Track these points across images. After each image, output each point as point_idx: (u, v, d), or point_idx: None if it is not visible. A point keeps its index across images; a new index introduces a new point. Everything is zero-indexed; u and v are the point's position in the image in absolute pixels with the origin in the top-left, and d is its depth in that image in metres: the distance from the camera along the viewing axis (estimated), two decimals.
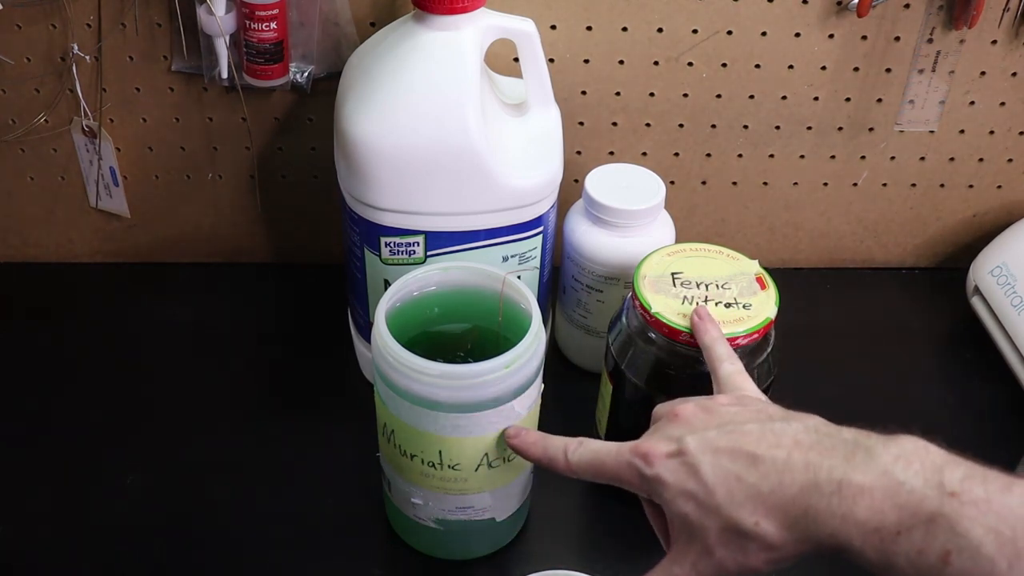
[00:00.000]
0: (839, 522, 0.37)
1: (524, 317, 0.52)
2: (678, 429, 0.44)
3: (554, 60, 0.70)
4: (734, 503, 0.40)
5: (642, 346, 0.57)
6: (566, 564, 0.56)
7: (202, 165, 0.77)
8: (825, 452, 0.39)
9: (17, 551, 0.59)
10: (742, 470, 0.40)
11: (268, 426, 0.68)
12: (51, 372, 0.72)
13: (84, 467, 0.64)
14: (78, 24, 0.68)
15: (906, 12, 0.69)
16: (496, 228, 0.60)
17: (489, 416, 0.50)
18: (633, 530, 0.61)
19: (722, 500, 0.40)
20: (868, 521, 0.36)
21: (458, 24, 0.56)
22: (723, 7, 0.68)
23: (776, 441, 0.40)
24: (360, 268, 0.63)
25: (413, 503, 0.56)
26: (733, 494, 0.40)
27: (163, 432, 0.67)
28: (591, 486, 0.64)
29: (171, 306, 0.79)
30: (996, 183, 0.79)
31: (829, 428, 0.41)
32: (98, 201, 0.78)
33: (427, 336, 0.56)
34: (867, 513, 0.36)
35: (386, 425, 0.53)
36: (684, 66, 0.71)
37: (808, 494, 0.38)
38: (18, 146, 0.75)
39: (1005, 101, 0.74)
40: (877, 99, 0.73)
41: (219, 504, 0.62)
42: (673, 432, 0.44)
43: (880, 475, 0.37)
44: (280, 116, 0.74)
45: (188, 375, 0.72)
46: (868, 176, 0.78)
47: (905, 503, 0.36)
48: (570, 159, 0.72)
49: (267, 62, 0.67)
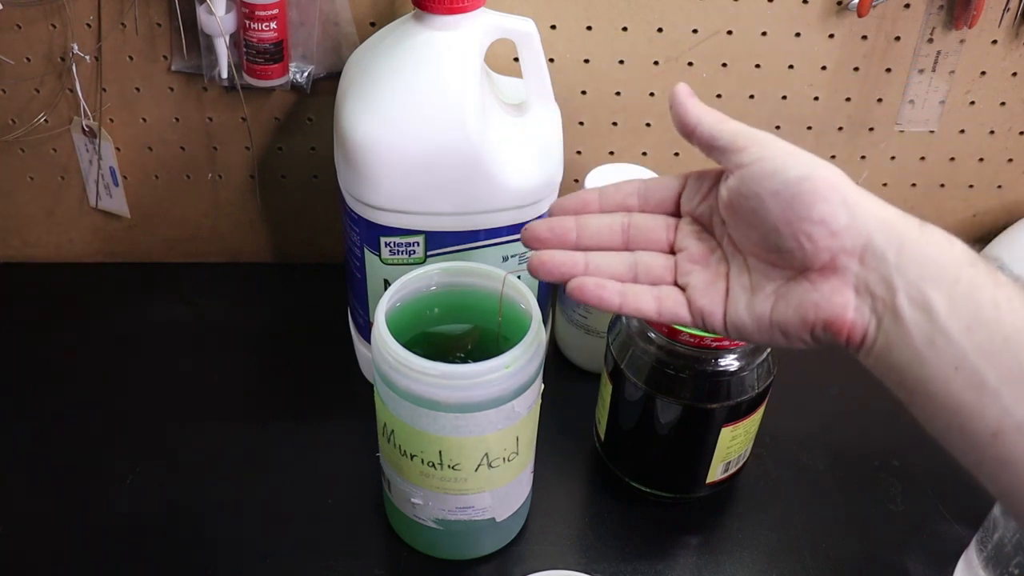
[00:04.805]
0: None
1: (524, 317, 0.52)
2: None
3: (554, 60, 0.70)
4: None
5: (642, 346, 0.57)
6: (566, 564, 0.57)
7: (202, 165, 0.77)
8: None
9: (17, 551, 0.59)
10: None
11: (268, 426, 0.68)
12: (51, 372, 0.72)
13: (84, 467, 0.64)
14: (78, 24, 0.68)
15: (906, 12, 0.69)
16: (496, 228, 0.60)
17: (489, 416, 0.50)
18: (633, 530, 0.61)
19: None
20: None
21: (458, 24, 0.56)
22: (723, 7, 0.68)
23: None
24: (360, 268, 0.63)
25: (413, 503, 0.55)
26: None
27: (163, 432, 0.67)
28: (591, 486, 0.65)
29: (171, 306, 0.79)
30: (996, 183, 0.79)
31: None
32: (98, 201, 0.78)
33: (427, 336, 0.56)
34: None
35: (386, 425, 0.53)
36: (684, 66, 0.71)
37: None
38: (18, 146, 0.75)
39: (1005, 101, 0.74)
40: (877, 99, 0.73)
41: (219, 504, 0.62)
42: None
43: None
44: (280, 116, 0.74)
45: (188, 375, 0.72)
46: (868, 176, 0.78)
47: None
48: (570, 159, 0.72)
49: (267, 62, 0.67)
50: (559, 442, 0.66)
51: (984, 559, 0.54)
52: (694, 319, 0.42)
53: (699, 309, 0.42)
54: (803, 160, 0.39)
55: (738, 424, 0.58)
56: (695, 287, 0.43)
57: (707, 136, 0.42)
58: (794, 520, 0.62)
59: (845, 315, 0.38)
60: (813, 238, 0.38)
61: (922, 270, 0.37)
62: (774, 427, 0.63)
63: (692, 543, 0.61)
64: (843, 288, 0.38)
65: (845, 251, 0.38)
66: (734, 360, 0.56)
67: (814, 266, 0.39)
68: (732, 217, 0.42)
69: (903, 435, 0.68)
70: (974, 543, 0.56)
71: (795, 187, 0.38)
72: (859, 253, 0.38)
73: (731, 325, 0.42)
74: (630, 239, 0.45)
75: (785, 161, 0.39)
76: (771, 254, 0.40)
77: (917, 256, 0.37)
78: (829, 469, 0.66)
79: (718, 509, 0.63)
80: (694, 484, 0.61)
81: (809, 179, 0.38)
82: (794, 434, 0.68)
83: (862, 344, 0.39)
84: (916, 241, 0.38)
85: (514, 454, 0.54)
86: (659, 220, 0.45)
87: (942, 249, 0.37)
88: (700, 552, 0.60)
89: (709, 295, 0.42)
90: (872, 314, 0.38)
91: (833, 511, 0.63)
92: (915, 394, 0.38)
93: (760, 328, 0.41)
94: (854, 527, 0.62)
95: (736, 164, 0.41)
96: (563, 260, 0.44)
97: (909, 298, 0.37)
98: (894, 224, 0.38)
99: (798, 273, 0.40)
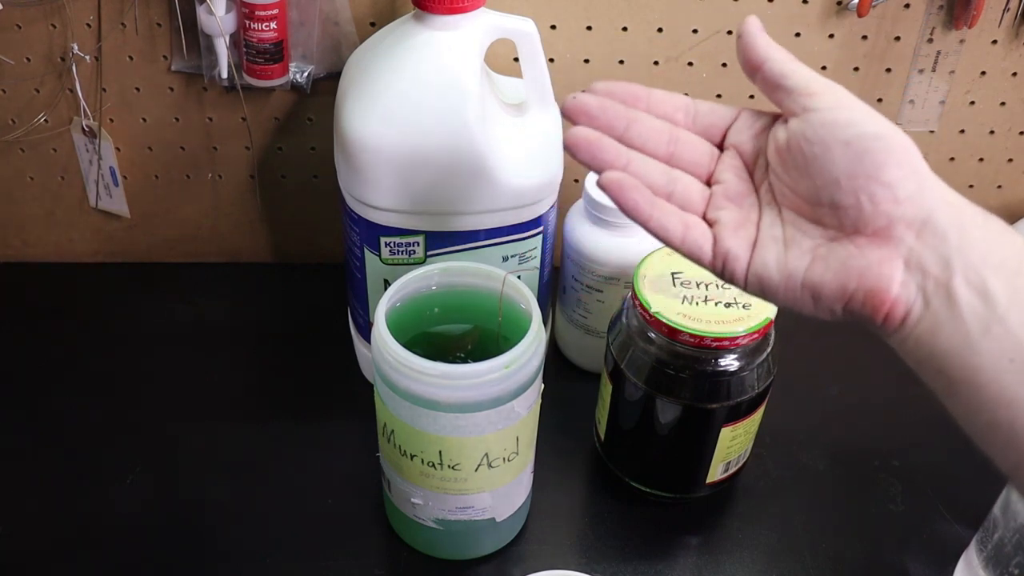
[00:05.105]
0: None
1: (524, 317, 0.52)
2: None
3: (554, 60, 0.70)
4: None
5: (642, 346, 0.57)
6: (566, 564, 0.57)
7: (202, 165, 0.77)
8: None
9: (17, 551, 0.59)
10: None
11: (268, 426, 0.68)
12: (51, 372, 0.72)
13: (84, 467, 0.64)
14: (78, 24, 0.68)
15: (906, 12, 0.69)
16: (496, 228, 0.60)
17: (489, 416, 0.50)
18: (633, 530, 0.61)
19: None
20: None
21: (458, 24, 0.56)
22: (723, 7, 0.68)
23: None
24: (360, 268, 0.63)
25: (413, 503, 0.56)
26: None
27: (163, 432, 0.67)
28: (591, 486, 0.65)
29: (171, 306, 0.79)
30: (996, 183, 0.79)
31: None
32: (98, 201, 0.78)
33: (427, 336, 0.56)
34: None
35: (386, 425, 0.53)
36: (684, 66, 0.71)
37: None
38: (18, 146, 0.75)
39: (1005, 101, 0.74)
40: (877, 99, 0.73)
41: (219, 504, 0.62)
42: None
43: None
44: (280, 116, 0.74)
45: (188, 375, 0.72)
46: None
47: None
48: (570, 159, 0.71)
49: (267, 62, 0.67)
50: (559, 442, 0.66)
51: (984, 559, 0.54)
52: (715, 260, 0.40)
53: (724, 250, 0.39)
54: (880, 120, 0.37)
55: (738, 424, 0.58)
56: (725, 225, 0.40)
57: (776, 73, 0.39)
58: (794, 520, 0.62)
59: (890, 288, 0.36)
60: (876, 199, 0.36)
61: (984, 255, 0.35)
62: (774, 427, 0.63)
63: (692, 543, 0.61)
64: (893, 259, 0.36)
65: (905, 221, 0.36)
66: (734, 360, 0.56)
67: (866, 230, 0.37)
68: (785, 162, 0.39)
69: (903, 435, 0.68)
70: (974, 543, 0.56)
71: (870, 142, 0.36)
72: (918, 227, 0.36)
73: (754, 275, 0.39)
74: (674, 154, 0.41)
75: (863, 115, 0.38)
76: (818, 208, 0.38)
77: (979, 241, 0.36)
78: (829, 469, 0.66)
79: (718, 509, 0.63)
80: (694, 484, 0.61)
81: (885, 139, 0.37)
82: (794, 434, 0.68)
83: (902, 324, 0.37)
84: (980, 227, 0.36)
85: (514, 454, 0.54)
86: (705, 145, 0.42)
87: (1006, 239, 0.36)
88: (700, 552, 0.60)
89: (738, 237, 0.39)
90: (919, 292, 0.36)
91: (833, 511, 0.63)
92: (959, 384, 0.35)
93: (788, 286, 0.38)
94: (854, 527, 0.62)
95: (805, 107, 0.38)
96: (608, 146, 0.41)
97: (967, 280, 0.35)
98: (959, 206, 0.37)
99: (844, 235, 0.37)
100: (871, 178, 0.36)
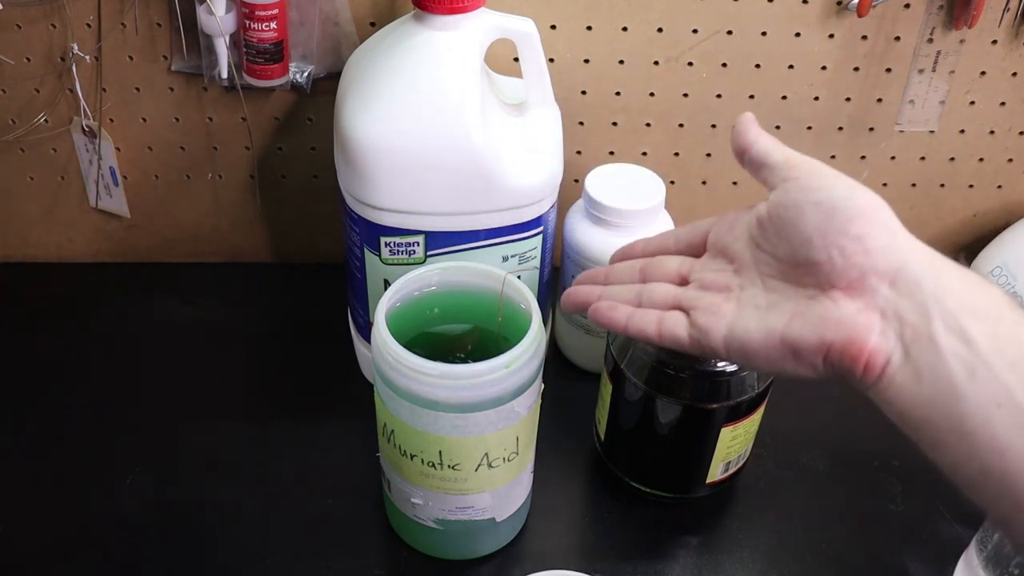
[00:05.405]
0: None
1: (524, 317, 0.52)
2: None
3: (554, 60, 0.70)
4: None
5: (642, 346, 0.57)
6: (566, 564, 0.57)
7: (202, 165, 0.77)
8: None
9: (17, 551, 0.59)
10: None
11: (268, 426, 0.68)
12: (51, 372, 0.72)
13: (84, 467, 0.64)
14: (78, 24, 0.68)
15: (906, 12, 0.69)
16: (496, 228, 0.60)
17: (489, 416, 0.50)
18: (633, 530, 0.61)
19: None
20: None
21: (458, 24, 0.56)
22: (723, 7, 0.68)
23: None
24: (360, 268, 0.63)
25: (413, 503, 0.55)
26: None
27: (163, 432, 0.67)
28: (591, 486, 0.65)
29: (171, 306, 0.79)
30: (996, 183, 0.79)
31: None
32: (98, 201, 0.78)
33: (427, 336, 0.56)
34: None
35: (386, 425, 0.53)
36: (684, 66, 0.71)
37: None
38: (18, 146, 0.75)
39: (1005, 101, 0.74)
40: (877, 99, 0.73)
41: (219, 504, 0.62)
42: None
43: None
44: (280, 116, 0.74)
45: (188, 375, 0.72)
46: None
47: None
48: (570, 159, 0.72)
49: (267, 62, 0.67)
50: (559, 442, 0.66)
51: (984, 559, 0.54)
52: (691, 339, 0.43)
53: (699, 326, 0.42)
54: (852, 183, 0.39)
55: (738, 424, 0.58)
56: (700, 309, 0.43)
57: (761, 152, 0.43)
58: (794, 520, 0.62)
59: (868, 337, 0.37)
60: (846, 252, 0.37)
61: (960, 302, 0.35)
62: (774, 427, 0.63)
63: (692, 543, 0.61)
64: (869, 310, 0.37)
65: (877, 272, 0.37)
66: None
67: (840, 283, 0.38)
68: (765, 230, 0.41)
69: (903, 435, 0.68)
70: (974, 543, 0.56)
71: (838, 202, 0.38)
72: (891, 277, 0.37)
73: (735, 341, 0.41)
74: (645, 275, 0.49)
75: (834, 180, 0.40)
76: (797, 269, 0.40)
77: (956, 289, 0.36)
78: (829, 469, 0.66)
79: (718, 509, 0.63)
80: (694, 484, 0.61)
81: (854, 198, 0.38)
82: (794, 434, 0.68)
83: (883, 374, 0.37)
84: (955, 277, 0.36)
85: (514, 454, 0.54)
86: (675, 258, 0.48)
87: (982, 288, 0.36)
88: (700, 552, 0.60)
89: (712, 314, 0.42)
90: (898, 341, 0.36)
91: (833, 511, 0.63)
92: (946, 433, 0.35)
93: (768, 345, 0.40)
94: (854, 527, 0.62)
95: (784, 179, 0.41)
96: (581, 291, 0.50)
97: (947, 326, 0.35)
98: (933, 257, 0.37)
99: (822, 292, 0.39)
100: (840, 232, 0.38)
